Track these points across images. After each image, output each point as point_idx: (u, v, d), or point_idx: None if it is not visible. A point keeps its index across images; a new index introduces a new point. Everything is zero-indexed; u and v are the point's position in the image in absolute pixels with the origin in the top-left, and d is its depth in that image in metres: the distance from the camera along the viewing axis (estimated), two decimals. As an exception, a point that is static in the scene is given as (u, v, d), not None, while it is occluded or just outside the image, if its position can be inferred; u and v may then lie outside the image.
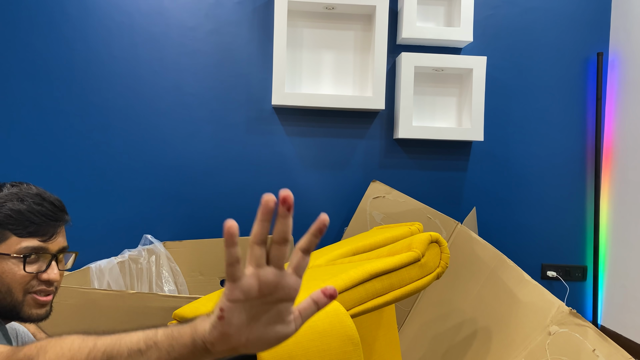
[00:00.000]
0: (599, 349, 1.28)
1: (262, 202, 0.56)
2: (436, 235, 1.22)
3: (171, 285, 2.03)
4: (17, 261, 0.97)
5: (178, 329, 0.61)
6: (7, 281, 0.97)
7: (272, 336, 0.58)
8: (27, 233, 0.98)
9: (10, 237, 0.97)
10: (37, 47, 2.19)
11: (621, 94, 2.27)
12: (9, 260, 0.97)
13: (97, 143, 2.22)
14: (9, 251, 0.97)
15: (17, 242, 0.98)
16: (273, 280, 0.57)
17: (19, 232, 0.98)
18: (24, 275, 0.97)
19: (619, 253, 2.23)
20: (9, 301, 0.98)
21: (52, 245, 1.01)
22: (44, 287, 1.00)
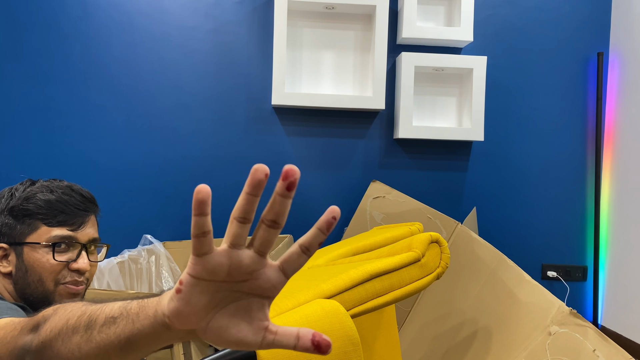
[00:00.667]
0: (599, 349, 1.28)
1: (251, 171, 0.47)
2: (436, 236, 1.21)
3: (171, 285, 2.03)
4: (47, 250, 0.99)
5: (149, 299, 0.55)
6: (38, 270, 0.99)
7: (234, 335, 0.50)
8: (56, 222, 1.01)
9: (40, 227, 1.00)
10: (37, 47, 2.19)
11: (621, 94, 2.27)
12: (40, 249, 0.99)
13: (97, 143, 2.22)
14: (39, 240, 1.00)
15: (46, 232, 1.00)
16: (248, 265, 0.49)
17: (49, 222, 1.00)
18: (54, 264, 0.99)
19: (619, 253, 2.23)
20: (41, 291, 1.00)
21: (82, 235, 1.03)
22: (75, 277, 1.02)
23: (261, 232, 0.49)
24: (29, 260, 0.99)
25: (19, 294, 1.00)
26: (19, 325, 0.67)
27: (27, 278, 0.99)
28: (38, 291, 0.99)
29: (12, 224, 1.00)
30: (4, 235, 1.01)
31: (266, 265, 0.50)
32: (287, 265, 0.50)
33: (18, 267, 1.00)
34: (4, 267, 1.00)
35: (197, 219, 0.48)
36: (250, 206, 0.49)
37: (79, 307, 0.61)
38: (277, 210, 0.48)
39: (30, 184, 1.05)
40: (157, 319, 0.52)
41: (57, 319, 0.61)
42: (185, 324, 0.50)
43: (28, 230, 1.00)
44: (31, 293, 0.99)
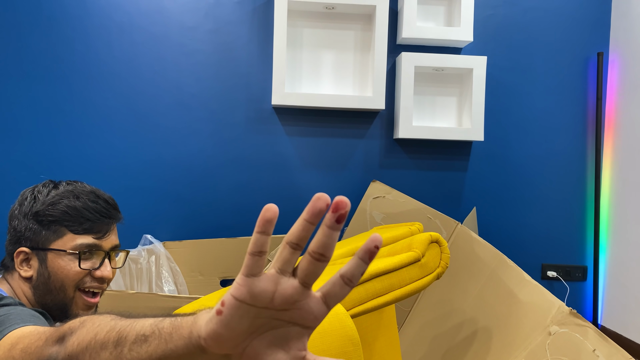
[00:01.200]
0: (599, 349, 1.28)
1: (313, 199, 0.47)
2: (436, 236, 1.21)
3: (171, 286, 2.03)
4: (72, 257, 0.99)
5: (183, 318, 0.53)
6: (61, 277, 0.98)
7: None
8: (82, 230, 1.00)
9: (65, 234, 0.99)
10: (38, 47, 2.19)
11: (621, 94, 2.27)
12: (65, 256, 0.98)
13: (97, 143, 2.22)
14: (64, 247, 0.99)
15: (72, 239, 0.99)
16: (292, 295, 0.47)
17: (75, 229, 0.99)
18: (79, 271, 0.99)
19: (619, 253, 2.23)
20: (61, 297, 0.99)
21: (106, 242, 1.03)
22: (96, 284, 1.01)
23: (307, 264, 0.47)
24: (53, 266, 0.98)
25: (37, 299, 0.99)
26: (44, 335, 0.66)
27: (49, 284, 0.98)
28: (58, 298, 0.99)
29: (37, 229, 0.99)
30: (27, 239, 1.00)
31: (309, 296, 0.48)
32: (330, 297, 0.48)
33: (40, 273, 0.99)
34: (25, 272, 0.99)
35: (258, 236, 0.47)
36: (306, 233, 0.47)
37: (107, 321, 0.59)
38: (324, 242, 0.47)
39: (54, 186, 1.03)
40: (192, 340, 0.50)
41: (84, 332, 0.60)
42: (221, 348, 0.49)
43: (53, 237, 0.99)
44: (52, 299, 0.99)
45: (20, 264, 1.00)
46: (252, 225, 2.27)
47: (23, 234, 1.00)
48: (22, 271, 0.99)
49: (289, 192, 2.29)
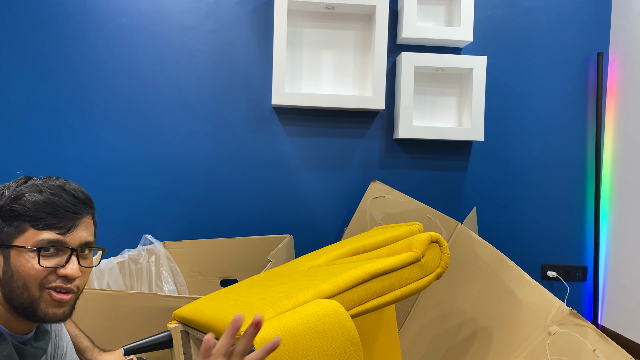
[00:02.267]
0: (599, 349, 1.28)
1: (233, 320, 0.75)
2: (436, 235, 1.21)
3: (171, 286, 2.03)
4: (32, 254, 0.93)
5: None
6: (23, 275, 0.93)
7: None
8: (44, 225, 0.94)
9: (27, 230, 0.94)
10: (37, 47, 2.19)
11: (621, 94, 2.27)
12: (25, 253, 0.93)
13: (96, 143, 2.22)
14: (25, 244, 0.93)
15: (33, 235, 0.94)
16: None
17: (36, 225, 0.94)
18: (39, 269, 0.93)
19: (619, 253, 2.23)
20: (26, 297, 0.94)
21: (72, 239, 0.96)
22: (60, 283, 0.95)
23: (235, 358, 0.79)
24: (16, 264, 0.93)
25: (5, 298, 0.95)
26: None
27: (12, 283, 0.93)
28: (23, 297, 0.94)
29: (0, 226, 0.94)
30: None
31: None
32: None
33: (5, 271, 0.94)
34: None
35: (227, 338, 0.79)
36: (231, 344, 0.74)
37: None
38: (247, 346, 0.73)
39: (23, 182, 0.99)
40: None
41: None
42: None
43: (15, 233, 0.94)
44: (16, 298, 0.94)
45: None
46: (252, 225, 2.27)
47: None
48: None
49: (289, 192, 2.29)
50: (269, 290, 1.16)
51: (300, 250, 2.25)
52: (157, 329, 1.38)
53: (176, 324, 1.22)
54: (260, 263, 2.13)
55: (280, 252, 1.92)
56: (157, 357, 1.46)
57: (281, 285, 1.16)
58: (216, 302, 1.20)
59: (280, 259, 1.89)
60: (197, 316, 1.15)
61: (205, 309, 1.16)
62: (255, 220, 2.28)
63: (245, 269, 2.16)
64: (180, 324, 1.22)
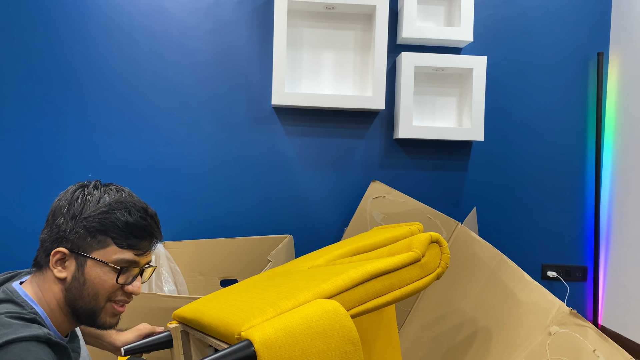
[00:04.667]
0: (599, 349, 1.28)
1: None
2: (436, 236, 1.21)
3: (171, 286, 2.03)
4: (110, 270, 0.98)
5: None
6: (97, 287, 0.98)
7: None
8: (127, 245, 1.00)
9: (110, 245, 0.99)
10: (37, 47, 2.19)
11: (621, 94, 2.27)
12: (104, 267, 0.98)
13: (96, 143, 2.22)
14: (105, 259, 0.98)
15: (114, 252, 0.99)
16: None
17: (120, 243, 0.99)
18: (114, 285, 0.99)
19: (619, 253, 2.23)
20: (92, 306, 0.99)
21: (143, 259, 1.03)
22: (124, 297, 1.02)
23: None
24: (91, 275, 0.98)
25: (67, 301, 0.99)
26: None
27: (82, 290, 0.98)
28: (90, 305, 0.99)
29: (83, 234, 0.98)
30: (69, 240, 0.98)
31: None
32: None
33: (75, 277, 0.98)
34: (59, 272, 0.98)
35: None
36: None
37: None
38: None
39: (104, 191, 1.03)
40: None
41: None
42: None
43: (97, 246, 0.98)
44: (82, 305, 0.98)
45: (56, 263, 0.98)
46: (252, 225, 2.27)
47: (66, 234, 0.98)
48: (56, 271, 0.98)
49: (289, 192, 2.29)
50: (269, 290, 1.16)
51: (300, 250, 2.25)
52: (157, 329, 1.38)
53: (176, 324, 1.22)
54: (260, 263, 2.13)
55: (280, 252, 1.92)
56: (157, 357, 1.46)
57: (281, 286, 1.16)
58: (216, 302, 1.20)
59: (280, 259, 1.89)
60: (197, 316, 1.15)
61: (205, 309, 1.16)
62: (255, 220, 2.28)
63: (245, 269, 2.16)
64: (180, 324, 1.22)
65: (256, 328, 0.95)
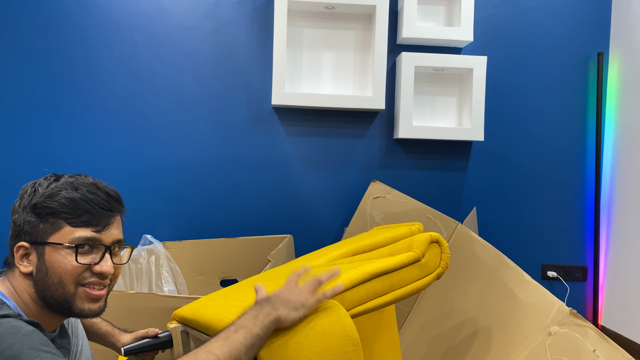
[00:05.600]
0: (599, 349, 1.28)
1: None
2: (436, 236, 1.21)
3: (171, 286, 2.03)
4: (69, 251, 0.95)
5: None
6: (59, 272, 0.95)
7: None
8: (80, 222, 0.96)
9: (63, 227, 0.96)
10: (37, 46, 2.19)
11: (621, 94, 2.27)
12: (62, 250, 0.95)
13: (96, 143, 2.22)
14: (61, 241, 0.95)
15: (70, 232, 0.96)
16: None
17: (73, 222, 0.96)
18: (76, 266, 0.95)
19: (619, 253, 2.23)
20: (61, 293, 0.96)
21: (106, 236, 0.99)
22: (96, 279, 0.98)
23: None
24: (50, 261, 0.95)
25: (39, 295, 0.97)
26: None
27: (47, 279, 0.95)
28: (58, 293, 0.95)
29: (35, 222, 0.96)
30: (26, 233, 0.96)
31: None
32: None
33: (39, 268, 0.95)
34: (25, 267, 0.96)
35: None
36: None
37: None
38: None
39: (54, 179, 1.00)
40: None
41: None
42: None
43: (51, 230, 0.95)
44: (51, 295, 0.96)
45: (20, 259, 0.97)
46: (252, 225, 2.27)
47: (22, 227, 0.97)
48: (22, 267, 0.96)
49: (289, 192, 2.29)
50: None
51: (300, 250, 2.25)
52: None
53: (176, 324, 1.22)
54: (260, 263, 2.13)
55: (280, 252, 1.92)
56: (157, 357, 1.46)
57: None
58: (216, 302, 1.20)
59: (280, 259, 1.89)
60: (197, 316, 1.15)
61: (205, 309, 1.16)
62: (255, 221, 2.28)
63: (245, 269, 2.16)
64: (180, 324, 1.22)
65: (256, 328, 0.95)
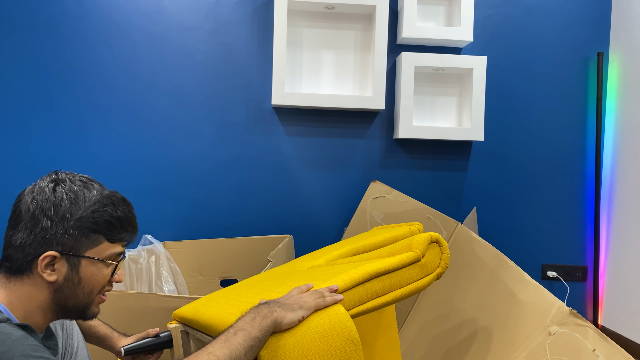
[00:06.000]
0: (599, 349, 1.28)
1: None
2: (436, 236, 1.21)
3: (171, 286, 2.03)
4: (103, 265, 1.00)
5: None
6: (92, 284, 0.99)
7: None
8: (117, 239, 1.02)
9: (102, 242, 0.99)
10: (37, 46, 2.19)
11: (621, 94, 2.27)
12: (98, 264, 0.99)
13: (96, 143, 2.22)
14: (99, 256, 0.99)
15: (107, 248, 1.00)
16: None
17: (111, 238, 1.00)
18: (107, 278, 1.01)
19: (619, 253, 2.23)
20: (86, 302, 1.00)
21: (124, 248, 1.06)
22: (110, 287, 1.04)
23: None
24: (86, 273, 0.98)
25: (57, 302, 0.97)
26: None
27: (77, 289, 0.98)
28: (83, 301, 1.00)
29: (77, 235, 0.96)
30: (59, 243, 0.95)
31: None
32: None
33: (69, 278, 0.97)
34: (49, 275, 0.95)
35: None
36: None
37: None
38: None
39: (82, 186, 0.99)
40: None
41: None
42: None
43: (90, 244, 0.98)
44: (74, 303, 0.99)
45: (45, 267, 0.95)
46: (252, 225, 2.27)
47: (56, 237, 0.95)
48: (46, 274, 0.95)
49: (289, 192, 2.29)
50: (269, 290, 1.16)
51: (300, 250, 2.25)
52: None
53: (176, 324, 1.22)
54: (260, 263, 2.13)
55: (280, 252, 1.92)
56: (157, 357, 1.46)
57: (281, 286, 1.16)
58: (216, 302, 1.20)
59: (280, 259, 1.89)
60: (197, 316, 1.15)
61: (205, 309, 1.17)
62: (255, 221, 2.28)
63: (245, 269, 2.16)
64: (180, 324, 1.22)
65: (256, 328, 0.95)
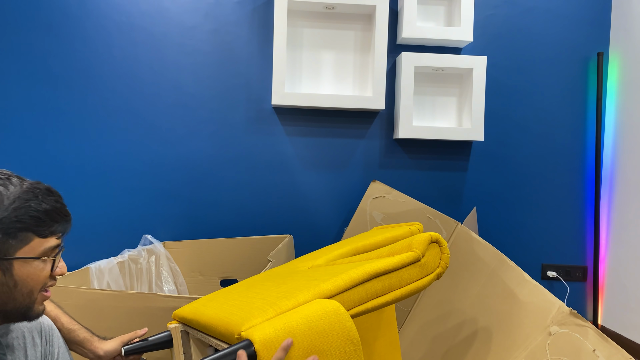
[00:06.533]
0: (599, 349, 1.28)
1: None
2: (436, 236, 1.21)
3: (171, 286, 2.03)
4: (40, 262, 0.94)
5: None
6: (31, 284, 0.93)
7: None
8: (49, 233, 0.95)
9: (33, 239, 0.93)
10: (37, 47, 2.19)
11: (621, 94, 2.27)
12: (33, 262, 0.93)
13: (96, 143, 2.22)
14: (32, 254, 0.93)
15: (39, 244, 0.94)
16: None
17: (42, 233, 0.94)
18: (47, 276, 0.95)
19: (619, 253, 2.23)
20: (27, 303, 0.95)
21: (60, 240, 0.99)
22: (53, 282, 0.98)
23: None
24: (21, 274, 0.92)
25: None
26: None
27: (14, 292, 0.92)
28: (24, 303, 0.94)
29: (1, 238, 0.89)
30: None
31: None
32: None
33: (3, 282, 0.91)
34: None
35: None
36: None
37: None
38: None
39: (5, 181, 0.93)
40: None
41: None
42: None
43: (19, 244, 0.91)
44: (14, 306, 0.93)
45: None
46: (252, 225, 2.27)
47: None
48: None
49: (289, 192, 2.29)
50: (269, 290, 1.16)
51: (300, 250, 2.25)
52: (157, 329, 1.38)
53: (176, 324, 1.22)
54: (260, 263, 2.13)
55: (280, 252, 1.92)
56: (157, 357, 1.46)
57: (281, 285, 1.17)
58: (216, 302, 1.20)
59: (280, 259, 1.89)
60: (197, 316, 1.15)
61: (205, 309, 1.16)
62: (255, 220, 2.28)
63: (245, 269, 2.16)
64: (180, 324, 1.22)
65: (256, 328, 0.95)
